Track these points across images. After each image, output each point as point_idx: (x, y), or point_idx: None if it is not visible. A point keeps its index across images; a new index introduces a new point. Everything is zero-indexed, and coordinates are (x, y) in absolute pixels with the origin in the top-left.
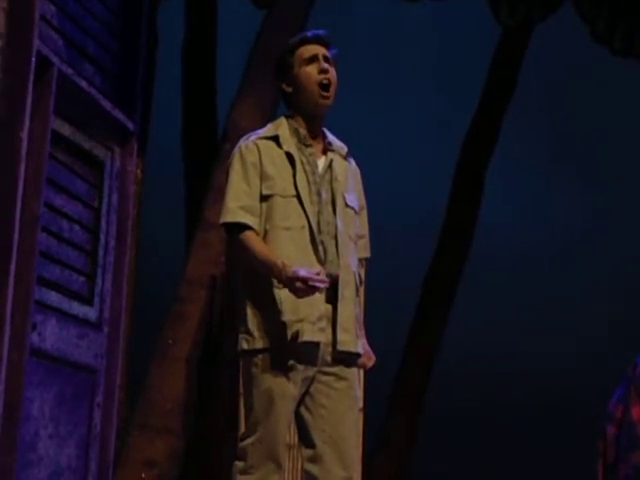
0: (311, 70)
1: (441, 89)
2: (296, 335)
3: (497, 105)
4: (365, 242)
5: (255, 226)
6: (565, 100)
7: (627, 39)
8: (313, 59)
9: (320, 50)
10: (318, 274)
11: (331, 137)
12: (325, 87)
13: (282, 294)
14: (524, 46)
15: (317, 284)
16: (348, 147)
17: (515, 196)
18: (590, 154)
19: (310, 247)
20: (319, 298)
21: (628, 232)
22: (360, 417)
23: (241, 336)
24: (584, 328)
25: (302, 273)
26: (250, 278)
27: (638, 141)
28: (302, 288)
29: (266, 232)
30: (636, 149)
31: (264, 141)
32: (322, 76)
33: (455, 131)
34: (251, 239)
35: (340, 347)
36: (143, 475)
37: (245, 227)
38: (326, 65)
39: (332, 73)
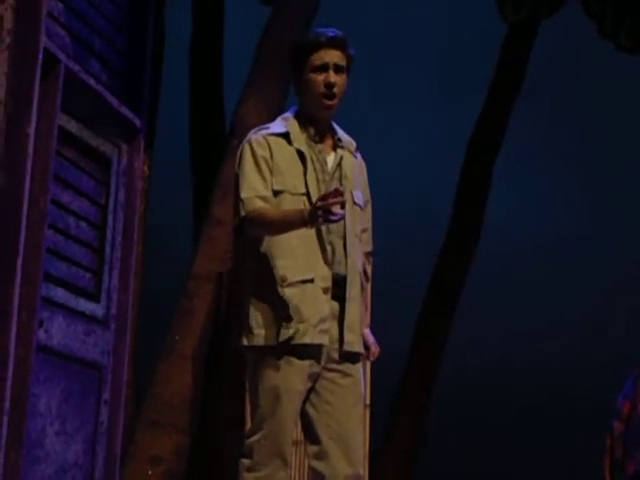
0: (318, 79)
1: (446, 88)
2: (296, 336)
3: (503, 103)
4: (368, 236)
5: None
6: (571, 99)
7: (633, 36)
8: (323, 68)
9: (333, 57)
10: (336, 192)
11: (340, 132)
12: (329, 96)
13: (287, 294)
14: (530, 43)
15: (334, 200)
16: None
17: (520, 195)
18: (595, 153)
19: (318, 247)
20: (324, 299)
21: (631, 232)
22: (366, 414)
23: (244, 333)
24: (587, 327)
25: (320, 197)
26: (256, 276)
27: None
28: (324, 206)
29: None
30: None
31: (274, 138)
32: (327, 91)
33: (461, 130)
34: (263, 209)
35: (346, 348)
36: (150, 471)
37: None
38: (333, 79)
39: (339, 83)
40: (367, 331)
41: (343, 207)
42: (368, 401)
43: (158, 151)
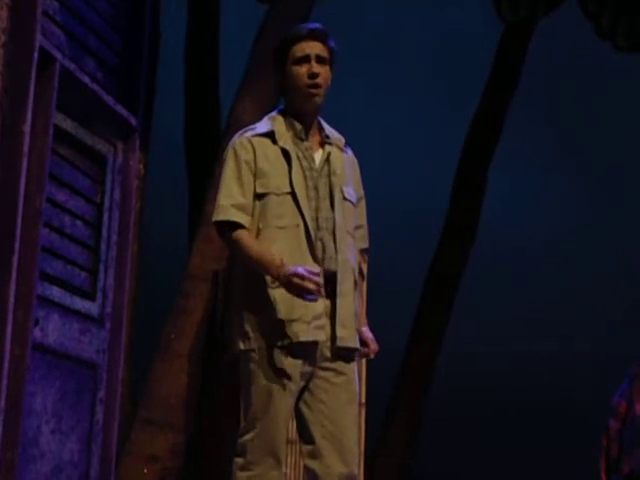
0: (301, 71)
1: (442, 86)
2: (291, 335)
3: (499, 102)
4: (363, 232)
5: (247, 225)
6: (568, 98)
7: (630, 35)
8: (305, 59)
9: (314, 48)
10: (317, 275)
11: (328, 129)
12: (313, 87)
13: (277, 294)
14: (527, 42)
15: (311, 286)
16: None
17: (516, 192)
18: (593, 151)
19: (306, 245)
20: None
21: (630, 231)
22: (361, 412)
23: (237, 336)
24: (584, 327)
25: (300, 270)
26: (246, 278)
27: None
28: (298, 285)
29: (259, 231)
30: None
31: (259, 138)
32: (311, 81)
33: (460, 129)
34: (244, 238)
35: (339, 343)
36: (145, 470)
37: (237, 226)
38: (316, 69)
39: (323, 74)
40: (366, 328)
41: (318, 292)
42: (364, 400)
43: (154, 150)
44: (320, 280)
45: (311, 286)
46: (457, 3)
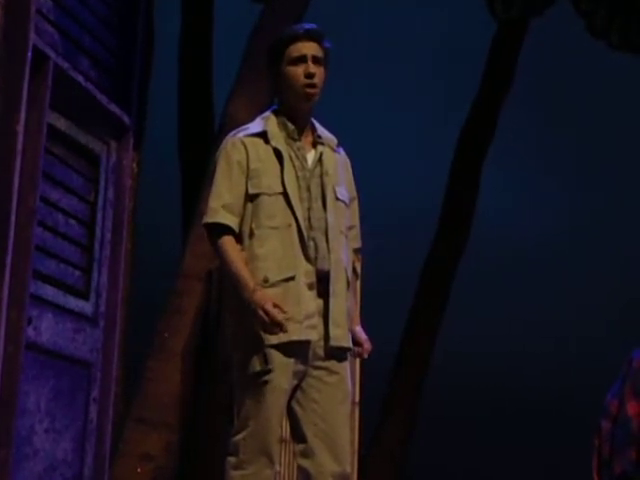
0: (297, 71)
1: (440, 86)
2: (283, 334)
3: (493, 99)
4: (356, 232)
5: (234, 226)
6: (562, 97)
7: (624, 33)
8: (301, 59)
9: (310, 49)
10: (282, 313)
11: (321, 129)
12: (310, 86)
13: (269, 293)
14: (520, 41)
15: (274, 324)
16: (339, 140)
17: (510, 191)
18: (586, 151)
19: (298, 245)
20: (309, 295)
21: (625, 230)
22: (355, 411)
23: (231, 335)
24: (581, 327)
25: (268, 306)
26: None
27: (635, 137)
28: (261, 319)
29: (252, 231)
30: (633, 145)
31: (251, 138)
32: (307, 81)
33: (456, 129)
34: (228, 248)
35: (333, 343)
36: (139, 469)
37: (224, 229)
38: (312, 69)
39: (318, 74)
40: (359, 328)
41: (279, 331)
42: (357, 399)
43: (147, 149)
44: (283, 319)
45: (274, 324)
46: (452, 3)
